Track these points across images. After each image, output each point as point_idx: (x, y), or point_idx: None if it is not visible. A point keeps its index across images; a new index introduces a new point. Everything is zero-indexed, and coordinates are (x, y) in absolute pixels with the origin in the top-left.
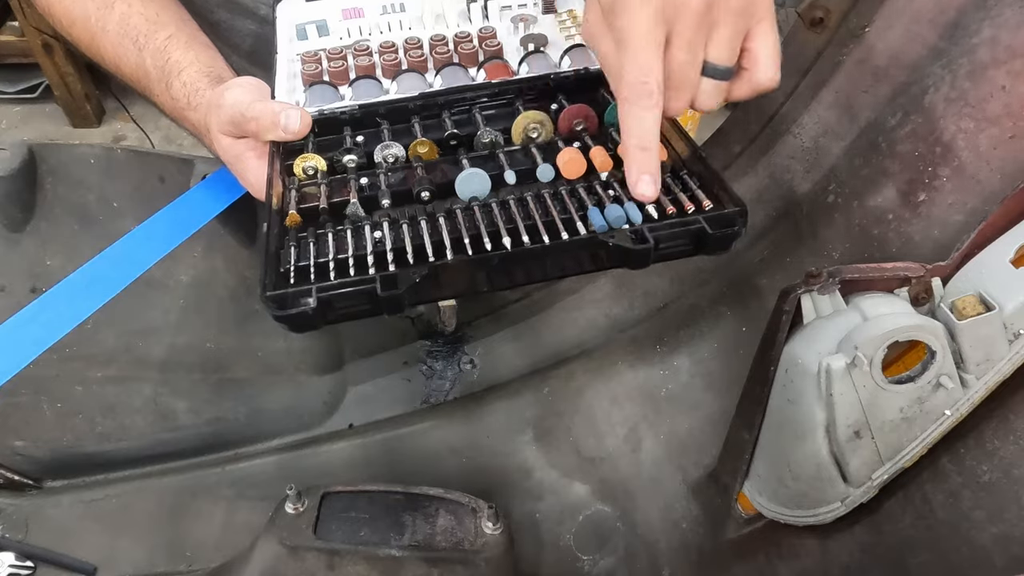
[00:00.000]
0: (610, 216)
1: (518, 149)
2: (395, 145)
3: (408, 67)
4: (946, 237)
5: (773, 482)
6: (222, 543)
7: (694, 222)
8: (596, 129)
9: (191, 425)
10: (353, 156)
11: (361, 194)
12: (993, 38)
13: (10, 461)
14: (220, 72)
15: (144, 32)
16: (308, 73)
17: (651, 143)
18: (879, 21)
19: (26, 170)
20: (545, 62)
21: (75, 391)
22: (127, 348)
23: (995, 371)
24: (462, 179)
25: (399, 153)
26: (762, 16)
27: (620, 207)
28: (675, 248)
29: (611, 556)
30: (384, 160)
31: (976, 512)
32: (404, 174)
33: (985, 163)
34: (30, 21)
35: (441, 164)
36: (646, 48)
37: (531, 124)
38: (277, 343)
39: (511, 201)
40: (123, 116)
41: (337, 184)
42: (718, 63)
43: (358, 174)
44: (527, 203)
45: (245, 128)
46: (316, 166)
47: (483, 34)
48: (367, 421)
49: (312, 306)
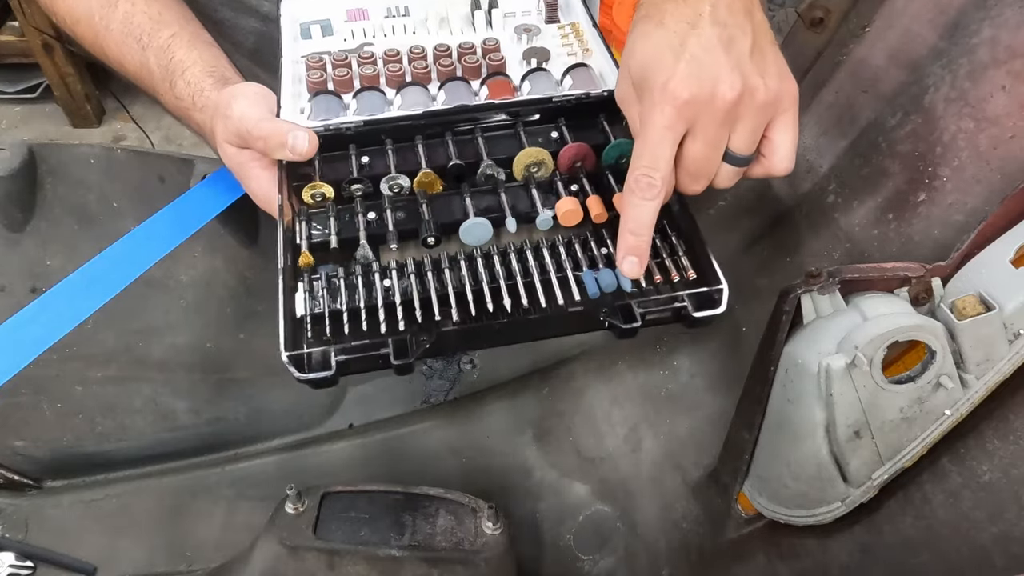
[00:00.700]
0: (603, 282)
1: (519, 186)
2: (401, 177)
3: (412, 78)
4: (946, 237)
5: (773, 482)
6: (222, 543)
7: (679, 299)
8: (594, 167)
9: (191, 425)
10: (360, 186)
11: (368, 231)
12: (993, 38)
13: (10, 461)
14: (224, 71)
15: (147, 31)
16: (313, 81)
17: (645, 231)
18: (879, 21)
19: (26, 170)
20: (547, 81)
21: (75, 391)
22: (127, 348)
23: (995, 371)
24: (466, 228)
25: (404, 184)
26: (786, 107)
27: (612, 272)
28: (658, 320)
29: (611, 556)
30: (390, 190)
31: (976, 512)
32: (409, 208)
33: (985, 163)
34: (30, 21)
35: (444, 198)
36: (660, 144)
37: (532, 162)
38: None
39: (511, 254)
40: (123, 116)
41: (344, 217)
42: (738, 152)
43: (365, 206)
44: (526, 257)
45: (252, 144)
46: (324, 193)
47: (487, 46)
48: (367, 421)
49: (332, 372)
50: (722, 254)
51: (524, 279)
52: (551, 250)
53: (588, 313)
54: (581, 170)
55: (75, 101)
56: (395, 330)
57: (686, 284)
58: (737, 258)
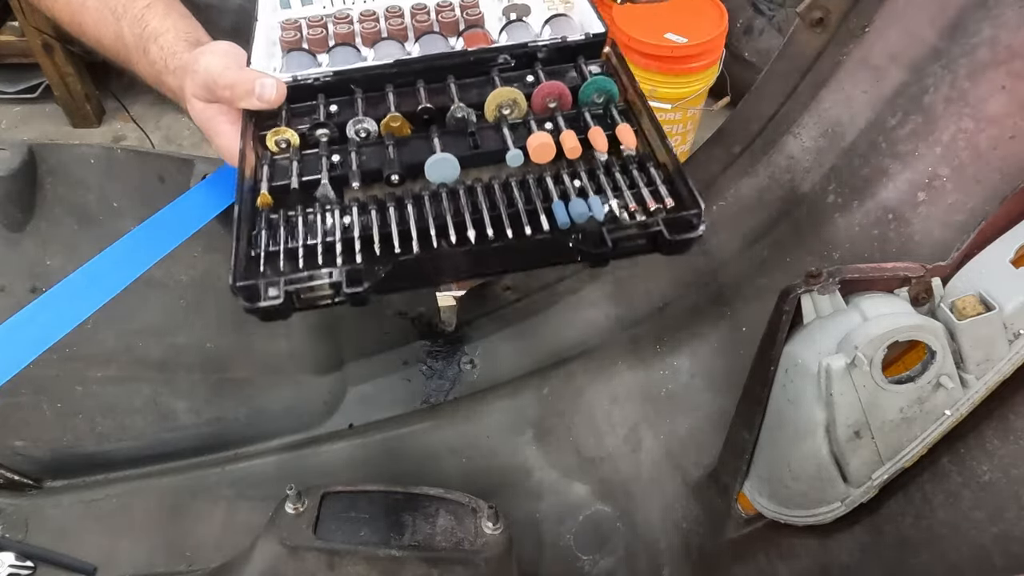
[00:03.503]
0: (574, 212)
1: (491, 127)
2: (367, 120)
3: (388, 35)
4: (946, 237)
5: (773, 482)
6: (222, 543)
7: (653, 225)
8: (570, 107)
9: (191, 425)
10: (326, 131)
11: (332, 172)
12: (993, 38)
13: (10, 461)
14: (199, 37)
15: (123, 2)
16: (287, 40)
17: None
18: (879, 21)
19: (26, 170)
20: (525, 31)
21: (75, 391)
22: (127, 348)
23: (995, 371)
24: (432, 164)
25: (371, 128)
26: None
27: (584, 202)
28: (633, 248)
29: (611, 556)
30: (356, 135)
31: (976, 512)
32: (375, 151)
33: (985, 163)
34: (30, 21)
35: (412, 141)
36: None
37: (504, 101)
38: (277, 343)
39: (478, 188)
40: (123, 116)
41: (309, 160)
42: None
43: (329, 150)
44: (493, 191)
45: (218, 95)
46: (289, 140)
47: (465, 3)
48: (367, 421)
49: (280, 301)
50: (722, 254)
51: (491, 213)
52: (521, 185)
53: (556, 241)
54: (557, 111)
55: (75, 101)
56: (352, 263)
57: (665, 214)
58: (737, 258)
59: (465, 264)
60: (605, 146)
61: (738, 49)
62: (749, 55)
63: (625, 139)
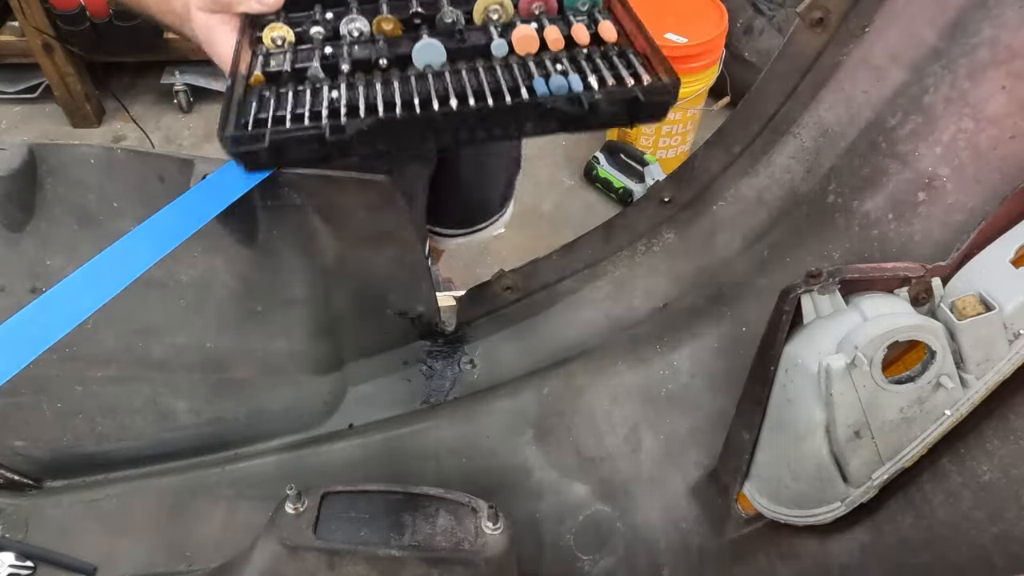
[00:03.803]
0: (553, 85)
1: (478, 28)
2: (360, 19)
3: None
4: (946, 237)
5: (773, 482)
6: (222, 543)
7: (629, 91)
8: (555, 12)
9: (191, 425)
10: (320, 28)
11: (324, 61)
12: (993, 38)
13: (10, 461)
14: None
15: None
16: None
17: None
18: (879, 21)
19: (26, 170)
20: None
21: (75, 391)
22: (127, 348)
23: (995, 371)
24: (419, 48)
25: (364, 28)
26: None
27: (564, 78)
28: (610, 113)
29: (611, 556)
30: (349, 33)
31: (976, 512)
32: (366, 46)
33: (985, 163)
34: (30, 21)
35: (403, 40)
36: None
37: (492, 5)
38: (277, 343)
39: (463, 70)
40: (123, 116)
41: (302, 53)
42: None
43: (323, 44)
44: (478, 72)
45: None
46: (284, 36)
47: None
48: (367, 421)
49: (264, 146)
50: (722, 254)
51: (475, 89)
52: (505, 67)
53: (535, 104)
54: (543, 15)
55: (75, 101)
56: (336, 121)
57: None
58: (737, 258)
59: (446, 126)
60: (587, 40)
61: (738, 49)
62: (749, 55)
63: (607, 35)
